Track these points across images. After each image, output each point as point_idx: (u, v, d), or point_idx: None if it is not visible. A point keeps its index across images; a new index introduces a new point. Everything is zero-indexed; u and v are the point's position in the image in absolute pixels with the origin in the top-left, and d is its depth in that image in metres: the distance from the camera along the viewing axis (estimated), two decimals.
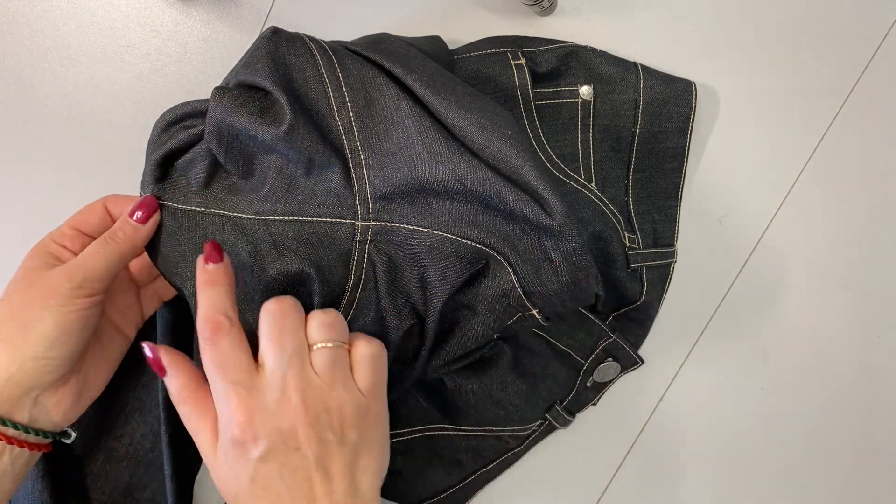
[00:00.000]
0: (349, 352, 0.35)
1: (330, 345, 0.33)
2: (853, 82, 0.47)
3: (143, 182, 0.39)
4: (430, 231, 0.38)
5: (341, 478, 0.32)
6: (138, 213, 0.37)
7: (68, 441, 0.38)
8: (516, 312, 0.39)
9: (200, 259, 0.35)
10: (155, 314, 0.44)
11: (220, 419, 0.33)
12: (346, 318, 0.39)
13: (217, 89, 0.37)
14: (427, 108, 0.38)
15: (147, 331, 0.44)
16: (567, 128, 0.46)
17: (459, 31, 0.47)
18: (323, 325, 0.34)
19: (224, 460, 0.32)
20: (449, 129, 0.38)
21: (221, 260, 0.35)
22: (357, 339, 0.35)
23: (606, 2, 0.47)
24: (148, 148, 0.40)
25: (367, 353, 0.34)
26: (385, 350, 0.36)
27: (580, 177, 0.46)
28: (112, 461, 0.46)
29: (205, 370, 0.33)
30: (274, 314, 0.33)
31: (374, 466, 0.34)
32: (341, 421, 0.33)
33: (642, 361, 0.48)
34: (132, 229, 0.37)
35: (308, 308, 0.40)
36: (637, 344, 0.49)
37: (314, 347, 0.33)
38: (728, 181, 0.48)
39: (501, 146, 0.37)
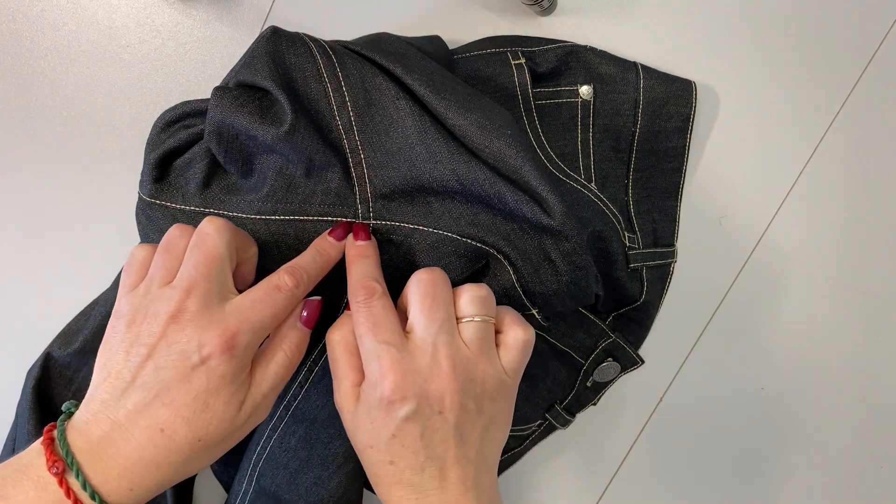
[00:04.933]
0: (500, 330, 0.36)
1: (478, 319, 0.35)
2: (853, 82, 0.47)
3: (141, 182, 0.39)
4: (431, 230, 0.38)
5: (473, 444, 0.34)
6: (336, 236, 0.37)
7: None
8: None
9: (350, 237, 0.37)
10: None
11: (368, 376, 0.33)
12: None
13: (217, 89, 0.37)
14: (427, 108, 0.38)
15: None
16: (567, 127, 0.46)
17: (459, 31, 0.47)
18: (475, 299, 0.35)
19: (365, 414, 0.33)
20: (449, 128, 0.38)
21: (369, 238, 0.37)
22: (513, 324, 0.36)
23: (606, 2, 0.47)
24: (146, 147, 0.40)
25: (521, 338, 0.36)
26: (534, 335, 0.37)
27: (580, 176, 0.46)
28: None
29: (356, 332, 0.34)
30: (426, 283, 0.34)
31: (499, 438, 0.36)
32: (483, 392, 0.34)
33: (642, 361, 0.48)
34: (334, 249, 0.37)
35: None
36: (637, 344, 0.49)
37: (464, 320, 0.35)
38: (728, 181, 0.48)
39: (501, 146, 0.37)
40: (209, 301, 0.32)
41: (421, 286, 0.34)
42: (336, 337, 0.35)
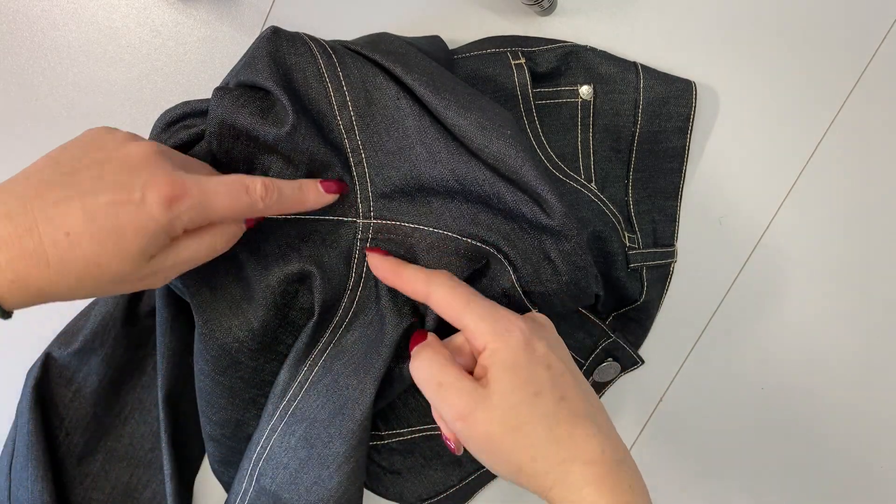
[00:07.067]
0: None
1: None
2: (853, 82, 0.47)
3: None
4: (431, 229, 0.38)
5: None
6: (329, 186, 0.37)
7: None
8: None
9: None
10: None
11: (498, 332, 0.33)
12: (346, 317, 0.39)
13: (218, 89, 0.37)
14: (427, 108, 0.38)
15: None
16: (567, 128, 0.46)
17: (459, 31, 0.47)
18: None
19: (511, 372, 0.33)
20: (449, 128, 0.38)
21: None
22: None
23: (606, 2, 0.47)
24: None
25: None
26: None
27: (580, 176, 0.46)
28: (112, 461, 0.46)
29: (452, 308, 0.34)
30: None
31: None
32: None
33: (642, 361, 0.48)
34: (315, 195, 0.37)
35: (310, 307, 0.40)
36: (637, 344, 0.49)
37: None
38: (728, 181, 0.48)
39: (501, 146, 0.37)
40: (174, 163, 0.32)
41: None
42: (424, 358, 0.34)
